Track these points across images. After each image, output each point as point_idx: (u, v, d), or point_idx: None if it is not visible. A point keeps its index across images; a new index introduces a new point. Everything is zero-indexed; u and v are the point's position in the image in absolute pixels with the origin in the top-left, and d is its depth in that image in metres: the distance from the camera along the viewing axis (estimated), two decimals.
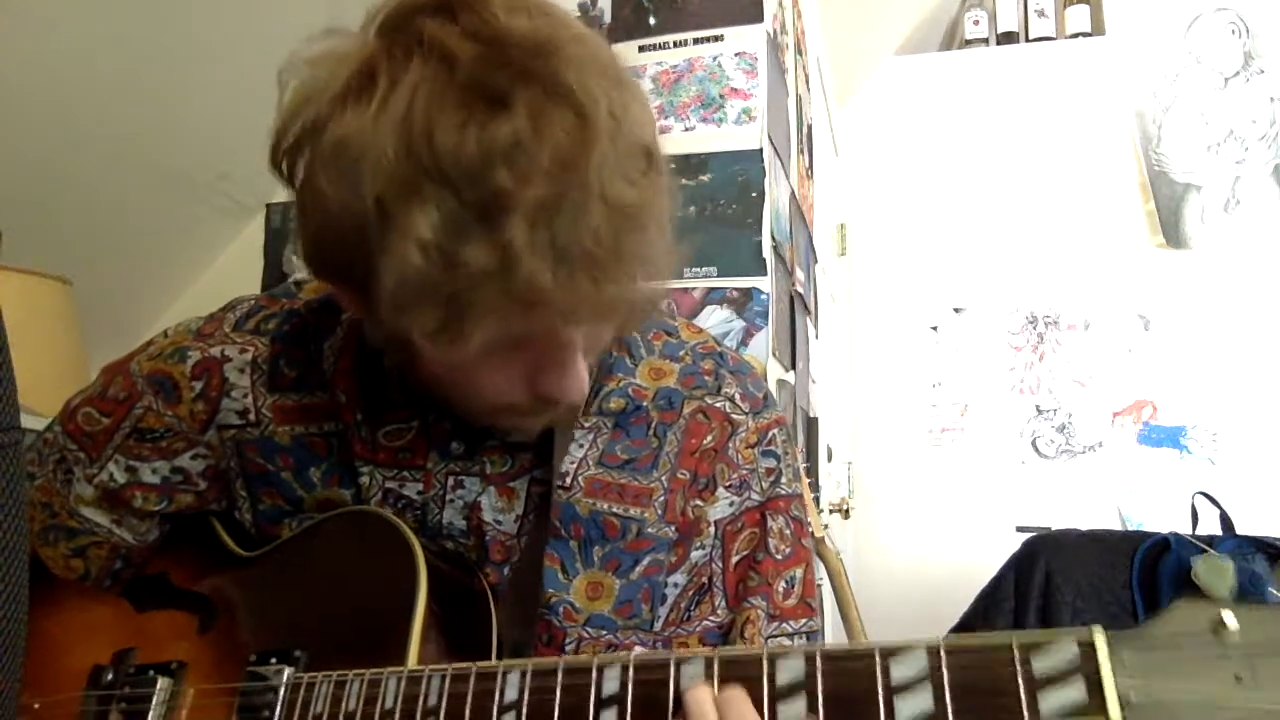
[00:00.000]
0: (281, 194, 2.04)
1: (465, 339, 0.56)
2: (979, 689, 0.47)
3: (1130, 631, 0.45)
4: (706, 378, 0.79)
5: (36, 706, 0.76)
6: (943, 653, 0.48)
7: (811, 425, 1.99)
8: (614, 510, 0.74)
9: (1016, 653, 0.47)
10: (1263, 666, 0.43)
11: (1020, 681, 0.46)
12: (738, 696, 0.51)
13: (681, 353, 0.80)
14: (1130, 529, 2.25)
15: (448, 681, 0.59)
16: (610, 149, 0.54)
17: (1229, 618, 0.43)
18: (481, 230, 0.53)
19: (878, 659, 0.49)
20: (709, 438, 0.77)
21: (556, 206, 0.53)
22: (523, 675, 0.57)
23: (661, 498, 0.75)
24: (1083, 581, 1.57)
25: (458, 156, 0.53)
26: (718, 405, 0.78)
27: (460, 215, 0.53)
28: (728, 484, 0.77)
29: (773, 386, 1.51)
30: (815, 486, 1.90)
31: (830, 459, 2.32)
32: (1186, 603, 0.45)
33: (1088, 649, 0.45)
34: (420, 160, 0.53)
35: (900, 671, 0.49)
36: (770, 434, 0.79)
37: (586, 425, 0.75)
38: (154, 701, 0.71)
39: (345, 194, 0.56)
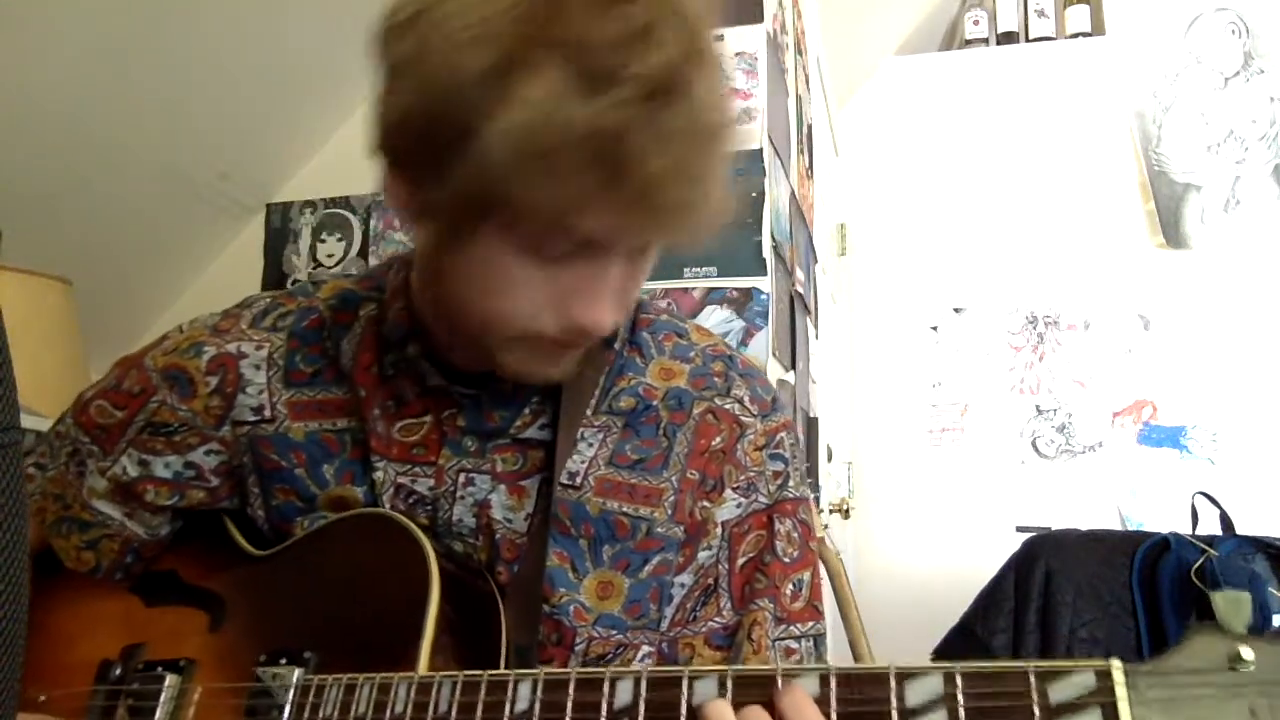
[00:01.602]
0: (281, 194, 2.05)
1: (547, 209, 0.58)
2: (994, 715, 0.47)
3: (1147, 663, 0.45)
4: (716, 379, 0.79)
5: (43, 699, 0.76)
6: (959, 677, 0.48)
7: (811, 425, 2.00)
8: (624, 510, 0.74)
9: (1033, 680, 0.47)
10: (1278, 701, 0.43)
11: (1036, 709, 0.46)
12: (762, 716, 0.51)
13: (692, 354, 0.81)
14: (1130, 529, 2.25)
15: (458, 689, 0.59)
16: (711, 67, 0.60)
17: (1247, 652, 0.44)
18: (595, 97, 0.55)
19: (893, 681, 0.49)
20: (718, 439, 0.77)
21: (669, 91, 0.56)
22: (534, 686, 0.57)
23: (671, 497, 0.75)
24: (1083, 581, 1.57)
25: (588, 28, 0.56)
26: (727, 407, 0.78)
27: (577, 82, 0.55)
28: (735, 486, 0.77)
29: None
30: (815, 486, 1.90)
31: (830, 459, 2.32)
32: (1204, 635, 0.45)
33: (1105, 679, 0.45)
34: (546, 27, 0.56)
35: (915, 695, 0.49)
36: (779, 437, 0.80)
37: (596, 424, 0.76)
38: (161, 698, 0.71)
39: (456, 62, 0.57)
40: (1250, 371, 2.42)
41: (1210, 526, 1.70)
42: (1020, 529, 2.36)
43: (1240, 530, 1.66)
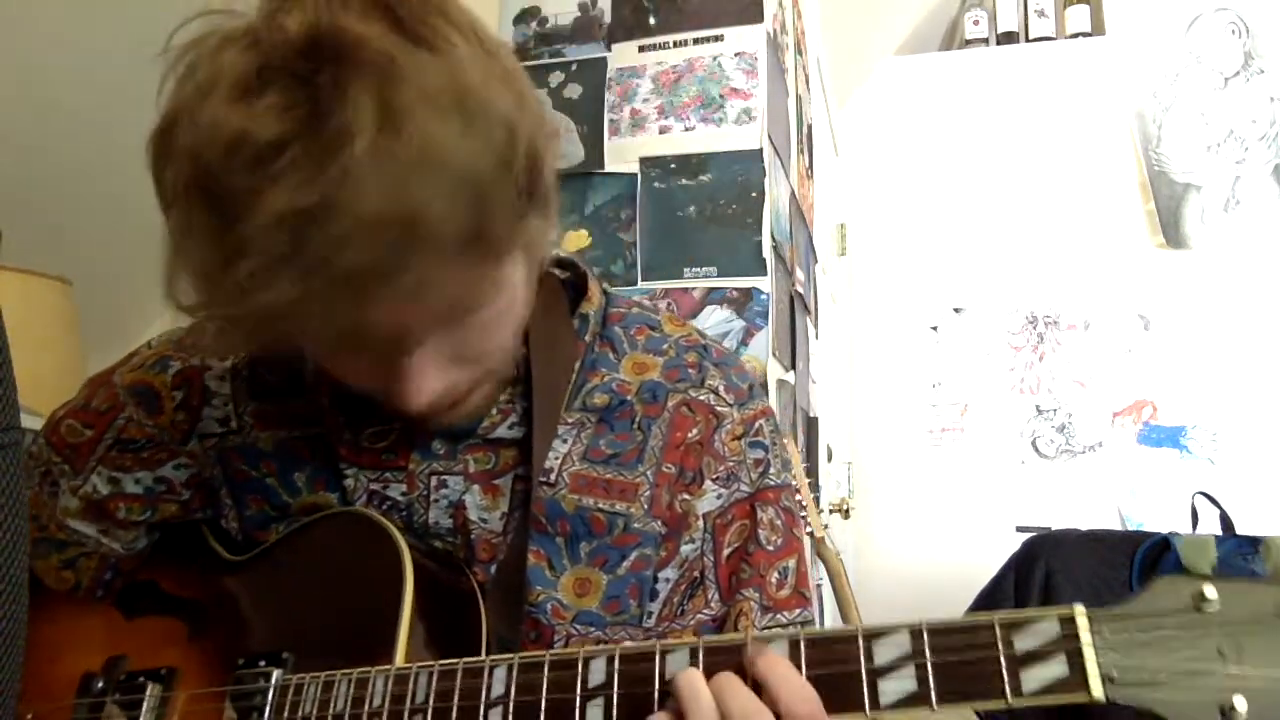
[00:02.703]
0: None
1: (230, 342, 0.57)
2: (962, 668, 0.47)
3: (1112, 608, 0.46)
4: (690, 370, 0.78)
5: (30, 716, 0.75)
6: (925, 633, 0.49)
7: (811, 425, 1.99)
8: (600, 506, 0.73)
9: (999, 631, 0.47)
10: (1245, 640, 0.43)
11: (1003, 660, 0.47)
12: (732, 680, 0.51)
13: (664, 346, 0.80)
14: (1130, 529, 2.25)
15: (435, 679, 0.59)
16: (374, 158, 0.50)
17: (1210, 591, 0.44)
18: (228, 234, 0.51)
19: (860, 641, 0.50)
20: (694, 430, 0.76)
21: (298, 216, 0.50)
22: (509, 669, 0.57)
23: (647, 492, 0.74)
24: (1083, 581, 1.57)
25: (213, 153, 0.51)
26: (701, 398, 0.77)
27: (217, 216, 0.52)
28: (715, 476, 0.76)
29: (773, 386, 1.51)
30: (815, 486, 1.90)
31: (830, 459, 2.32)
32: (1168, 578, 0.45)
33: (1069, 626, 0.46)
34: (193, 153, 0.53)
35: (883, 653, 0.49)
36: (757, 424, 0.79)
37: (570, 421, 0.75)
38: (144, 708, 0.71)
39: (156, 179, 0.56)
40: (1250, 371, 2.42)
41: (1210, 526, 1.70)
42: (1020, 529, 2.36)
43: (1240, 530, 1.65)
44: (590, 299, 0.79)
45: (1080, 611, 0.46)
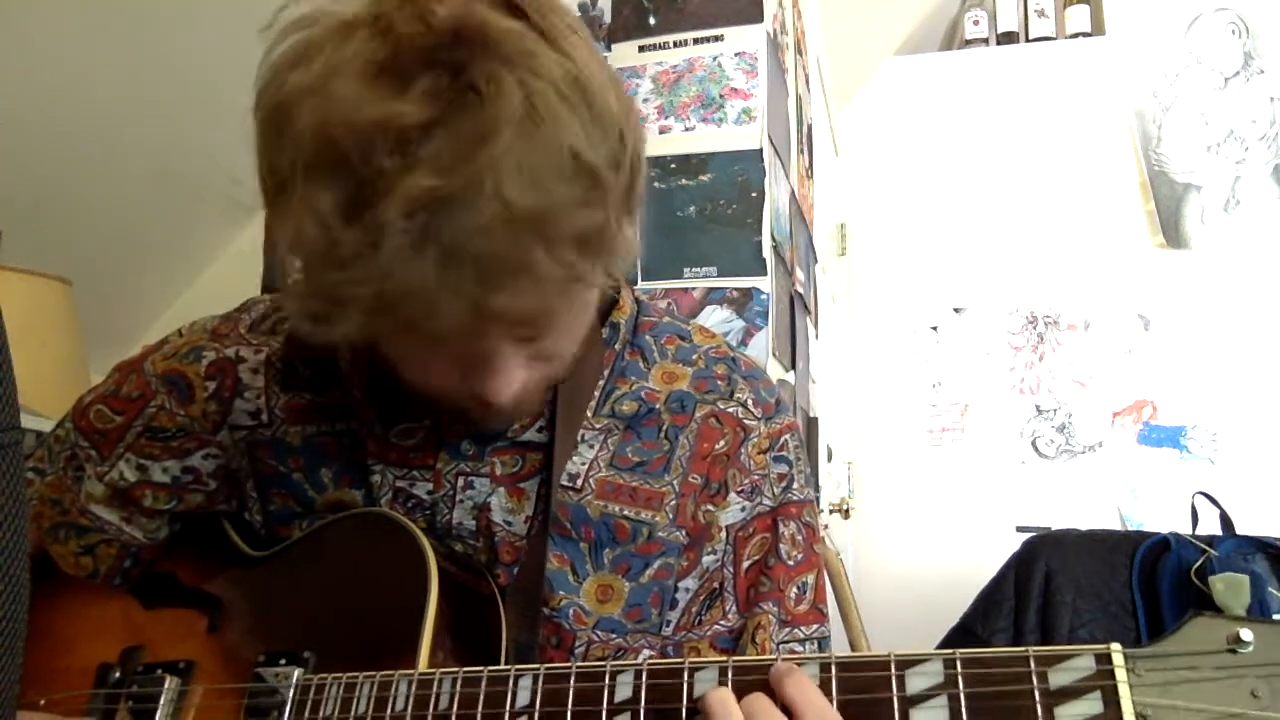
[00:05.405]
0: None
1: (337, 328, 0.55)
2: (995, 702, 0.47)
3: (1147, 647, 0.46)
4: (719, 382, 0.79)
5: (43, 703, 0.76)
6: (959, 664, 0.48)
7: (811, 425, 1.99)
8: (625, 513, 0.74)
9: (1034, 666, 0.47)
10: (1279, 683, 0.43)
11: (1036, 695, 0.46)
12: (763, 701, 0.51)
13: (694, 357, 0.80)
14: (1130, 529, 2.25)
15: (459, 685, 0.59)
16: (518, 150, 0.51)
17: (1246, 634, 0.44)
18: (362, 214, 0.51)
19: (893, 669, 0.50)
20: (721, 442, 0.77)
21: (441, 200, 0.51)
22: (535, 680, 0.57)
23: (672, 501, 0.74)
24: (1083, 581, 1.57)
25: (352, 133, 0.51)
26: (730, 410, 0.78)
27: (347, 196, 0.52)
28: (739, 489, 0.76)
29: None
30: (815, 486, 1.90)
31: (830, 459, 2.32)
32: (1204, 619, 0.45)
33: (1105, 664, 0.46)
34: (322, 133, 0.52)
35: (916, 682, 0.49)
36: (783, 439, 0.79)
37: (598, 427, 0.75)
38: (161, 700, 0.71)
39: (267, 156, 0.56)
40: (1250, 371, 2.42)
41: (1210, 526, 1.70)
42: (1020, 529, 2.36)
43: (1240, 530, 1.65)
44: (622, 307, 0.80)
45: (1116, 649, 0.46)
